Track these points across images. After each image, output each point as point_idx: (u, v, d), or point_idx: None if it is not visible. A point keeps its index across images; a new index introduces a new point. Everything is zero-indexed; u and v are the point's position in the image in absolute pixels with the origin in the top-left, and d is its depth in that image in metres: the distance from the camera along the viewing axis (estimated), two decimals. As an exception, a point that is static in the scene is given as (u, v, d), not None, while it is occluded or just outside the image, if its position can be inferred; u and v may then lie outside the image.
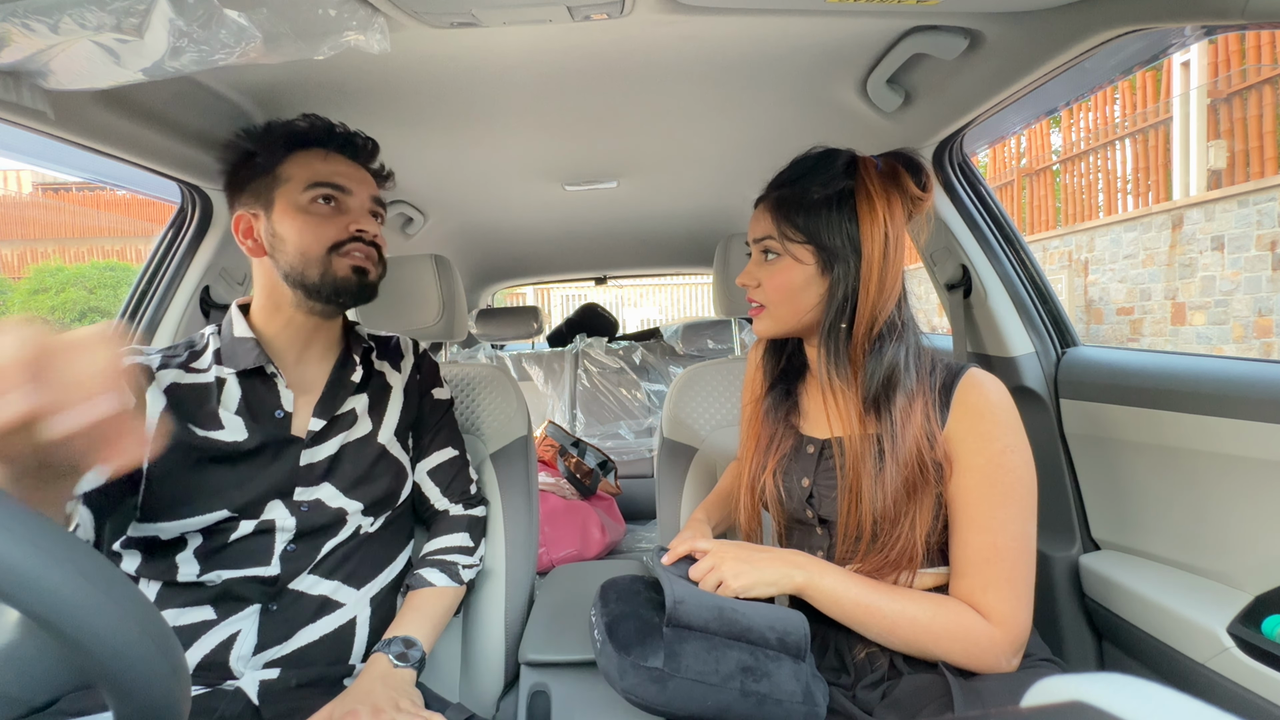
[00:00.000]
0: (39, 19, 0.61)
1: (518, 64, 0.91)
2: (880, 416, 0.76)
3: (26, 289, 8.28)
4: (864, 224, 0.74)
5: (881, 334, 0.76)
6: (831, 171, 0.77)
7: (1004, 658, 0.69)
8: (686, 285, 10.57)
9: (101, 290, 8.22)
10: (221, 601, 0.76)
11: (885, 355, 0.75)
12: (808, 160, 0.81)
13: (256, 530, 0.78)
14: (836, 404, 0.79)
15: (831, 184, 0.76)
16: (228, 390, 0.81)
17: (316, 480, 0.82)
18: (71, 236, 9.49)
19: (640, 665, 0.66)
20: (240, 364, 0.81)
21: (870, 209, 0.74)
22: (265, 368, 0.82)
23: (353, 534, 0.84)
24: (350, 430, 0.86)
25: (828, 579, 0.73)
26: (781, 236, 0.79)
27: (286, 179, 0.82)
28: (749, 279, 0.83)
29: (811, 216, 0.76)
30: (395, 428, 0.91)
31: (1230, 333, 4.37)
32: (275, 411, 0.82)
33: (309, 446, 0.82)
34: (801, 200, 0.77)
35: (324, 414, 0.84)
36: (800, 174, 0.79)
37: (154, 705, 0.37)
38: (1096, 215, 5.67)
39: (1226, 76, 4.55)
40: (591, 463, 2.05)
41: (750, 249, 0.84)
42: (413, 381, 0.97)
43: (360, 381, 0.90)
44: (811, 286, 0.78)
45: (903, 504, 0.73)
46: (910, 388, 0.75)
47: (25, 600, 0.33)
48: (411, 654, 0.79)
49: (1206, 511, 0.86)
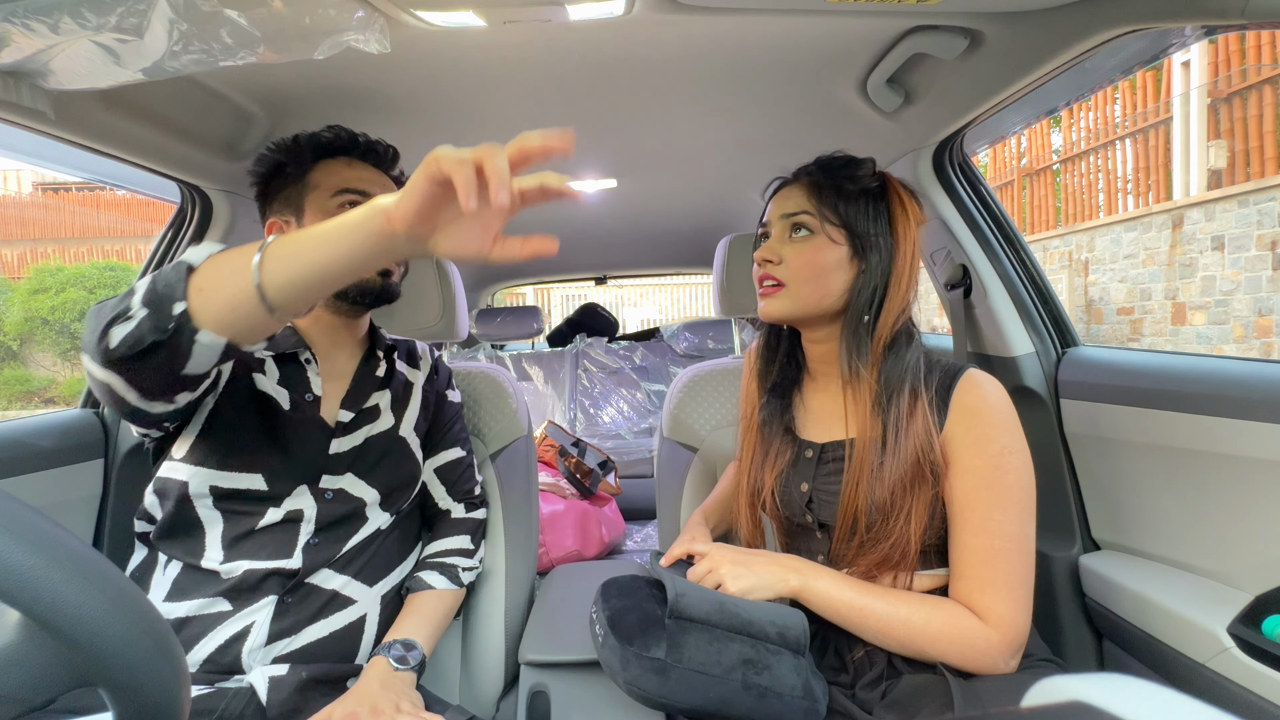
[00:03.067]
0: (39, 19, 0.61)
1: (518, 64, 0.91)
2: (887, 413, 0.76)
3: (26, 289, 8.28)
4: (899, 224, 0.78)
5: (899, 332, 0.78)
6: (862, 171, 0.81)
7: (1001, 659, 0.69)
8: (686, 285, 10.57)
9: (101, 290, 8.22)
10: (238, 592, 0.77)
11: (903, 353, 0.77)
12: (837, 158, 0.83)
13: (284, 519, 0.80)
14: (854, 400, 0.79)
15: (863, 182, 0.80)
16: (269, 367, 0.85)
17: (342, 470, 0.85)
18: (71, 236, 9.49)
19: (643, 656, 0.66)
20: (279, 347, 0.85)
21: (903, 211, 0.79)
22: (300, 353, 0.86)
23: (372, 532, 0.86)
24: (375, 423, 0.89)
25: (822, 582, 0.74)
26: (820, 214, 0.79)
27: (315, 186, 0.86)
28: (770, 254, 0.81)
29: (849, 204, 0.79)
30: (414, 424, 0.94)
31: (1230, 333, 4.37)
32: (306, 395, 0.85)
33: (337, 436, 0.85)
34: (839, 187, 0.79)
35: (352, 406, 0.88)
36: (831, 167, 0.82)
37: (154, 705, 0.37)
38: (1096, 215, 5.67)
39: (1226, 76, 4.55)
40: (591, 463, 2.05)
41: (769, 228, 0.84)
42: (430, 383, 1.00)
43: (384, 378, 0.93)
44: (840, 271, 0.79)
45: (900, 498, 0.73)
46: (916, 388, 0.76)
47: (25, 600, 0.33)
48: (411, 656, 0.80)
49: (1206, 511, 0.86)
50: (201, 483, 0.77)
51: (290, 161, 0.88)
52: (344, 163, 0.88)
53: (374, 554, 0.86)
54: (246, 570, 0.77)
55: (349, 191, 0.86)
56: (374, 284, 0.87)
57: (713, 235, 1.89)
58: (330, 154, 0.88)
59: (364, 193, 0.87)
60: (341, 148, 0.89)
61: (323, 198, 0.86)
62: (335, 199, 0.85)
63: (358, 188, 0.87)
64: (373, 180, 0.89)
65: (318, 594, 0.80)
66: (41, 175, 9.55)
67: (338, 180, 0.86)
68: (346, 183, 0.86)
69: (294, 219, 0.87)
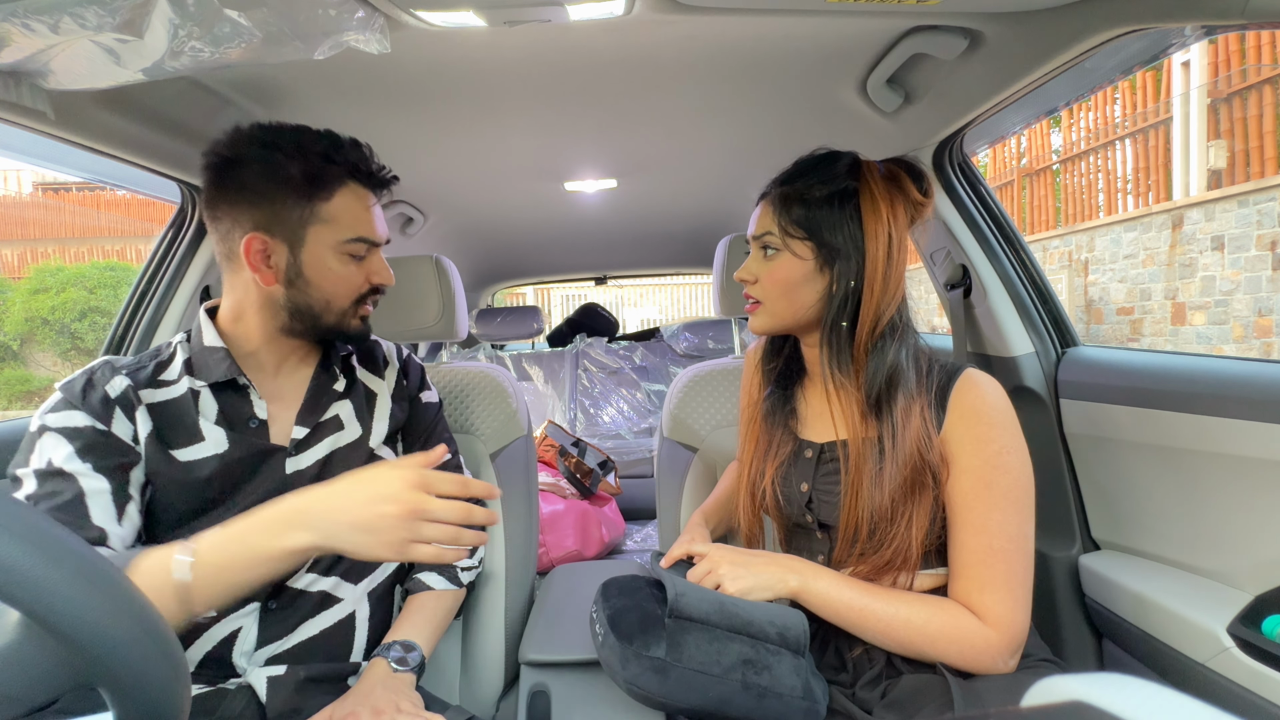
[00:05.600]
0: (39, 19, 0.61)
1: (518, 64, 0.91)
2: (881, 417, 0.76)
3: (27, 289, 8.28)
4: (868, 223, 0.75)
5: (884, 334, 0.76)
6: (834, 171, 0.78)
7: (1000, 659, 0.69)
8: (686, 285, 10.57)
9: (101, 290, 8.22)
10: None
11: (887, 355, 0.76)
12: (811, 160, 0.81)
13: None
14: (841, 404, 0.79)
15: (834, 183, 0.77)
16: (204, 401, 0.77)
17: (308, 484, 0.80)
18: (71, 236, 9.49)
19: (643, 654, 0.66)
20: (211, 376, 0.77)
21: (874, 209, 0.75)
22: (238, 379, 0.77)
23: None
24: (338, 435, 0.85)
25: (821, 583, 0.74)
26: (782, 232, 0.79)
27: (326, 220, 0.75)
28: (747, 274, 0.84)
29: (813, 213, 0.77)
30: (385, 434, 0.89)
31: (1230, 333, 4.37)
32: (250, 421, 0.79)
33: (293, 455, 0.80)
34: (803, 197, 0.78)
35: (307, 421, 0.82)
36: (803, 172, 0.80)
37: (154, 704, 0.37)
38: (1096, 215, 5.67)
39: (1226, 76, 4.55)
40: (591, 463, 2.05)
41: (750, 246, 0.85)
42: (400, 387, 0.94)
43: (343, 389, 0.87)
44: (810, 283, 0.79)
45: (900, 504, 0.73)
46: (910, 389, 0.75)
47: (25, 600, 0.33)
48: (410, 658, 0.79)
49: (1206, 511, 0.86)
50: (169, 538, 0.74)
51: (303, 173, 0.74)
52: (364, 199, 0.78)
53: None
54: None
55: (364, 242, 0.78)
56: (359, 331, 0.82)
57: (713, 235, 1.89)
58: (351, 180, 0.77)
59: (376, 244, 0.80)
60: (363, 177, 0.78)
61: (334, 237, 0.76)
62: (349, 245, 0.77)
63: (374, 239, 0.79)
64: (383, 226, 0.82)
65: (304, 598, 0.79)
66: (41, 175, 9.55)
67: (357, 224, 0.77)
68: (365, 231, 0.78)
69: (286, 247, 0.75)
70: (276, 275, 0.76)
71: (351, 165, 0.77)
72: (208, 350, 0.78)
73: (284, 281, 0.76)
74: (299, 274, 0.76)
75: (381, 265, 0.83)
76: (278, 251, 0.75)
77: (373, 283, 0.82)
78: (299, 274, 0.76)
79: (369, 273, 0.81)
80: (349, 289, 0.80)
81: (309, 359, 0.87)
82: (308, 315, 0.79)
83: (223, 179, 0.75)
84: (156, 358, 0.79)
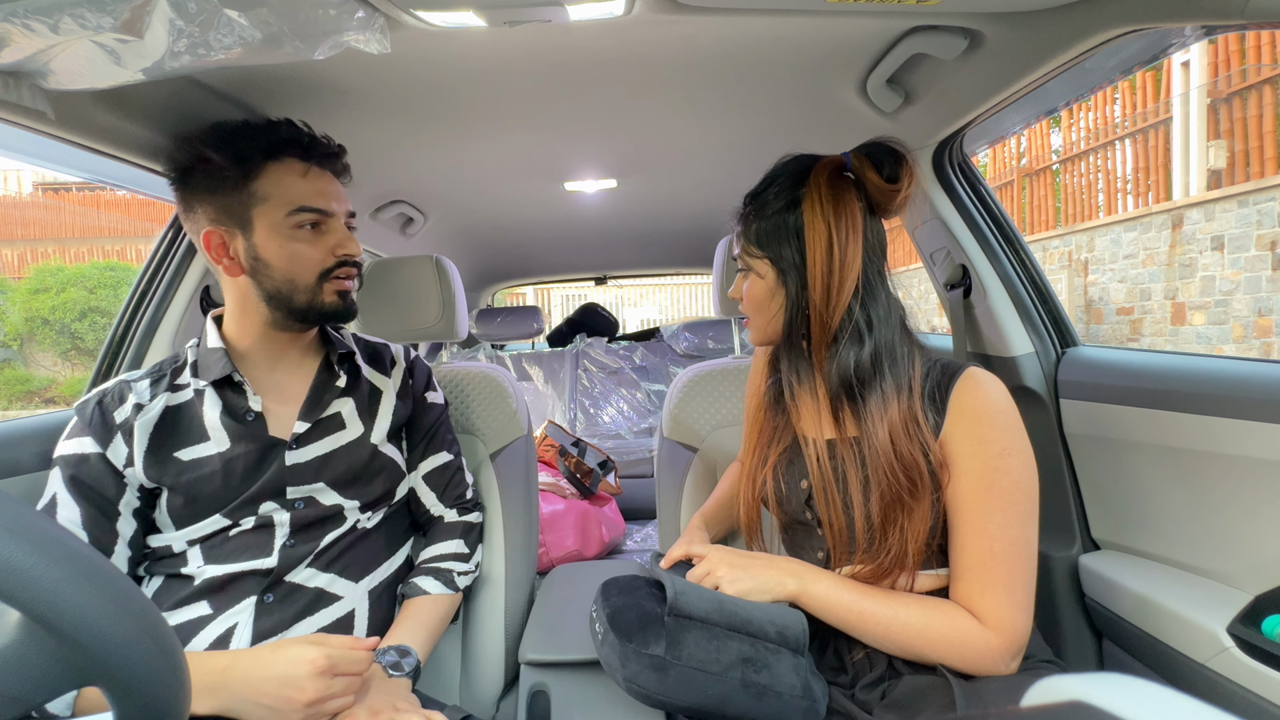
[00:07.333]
0: (39, 19, 0.61)
1: (518, 64, 0.91)
2: (858, 419, 0.76)
3: (27, 289, 8.29)
4: (806, 231, 0.75)
5: (835, 338, 0.76)
6: (787, 181, 0.78)
7: (1001, 662, 0.68)
8: (686, 285, 10.57)
9: (101, 290, 8.22)
10: (217, 594, 0.77)
11: (839, 358, 0.75)
12: (772, 172, 0.82)
13: (257, 526, 0.80)
14: (817, 409, 0.81)
15: (784, 194, 0.77)
16: (208, 400, 0.81)
17: (309, 479, 0.82)
18: (71, 236, 9.49)
19: (642, 653, 0.66)
20: (210, 374, 0.80)
21: (812, 217, 0.74)
22: (233, 375, 0.81)
23: (350, 528, 0.85)
24: (340, 433, 0.86)
25: (820, 586, 0.73)
26: (744, 252, 0.82)
27: (265, 198, 0.78)
28: (735, 292, 0.87)
29: (766, 229, 0.79)
30: (388, 431, 0.90)
31: (1230, 333, 4.37)
32: (246, 414, 0.81)
33: (293, 449, 0.82)
34: (761, 213, 0.79)
35: (308, 417, 0.84)
36: (766, 185, 0.81)
37: (154, 704, 0.37)
38: (1096, 215, 5.67)
39: (1226, 76, 4.55)
40: (591, 463, 2.05)
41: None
42: (405, 386, 0.96)
43: (345, 386, 0.89)
44: (775, 298, 0.80)
45: (891, 511, 0.72)
46: (884, 390, 0.74)
47: (26, 600, 0.33)
48: (405, 663, 0.80)
49: (1206, 511, 0.86)
50: (179, 540, 0.79)
51: (229, 161, 0.77)
52: (298, 170, 0.79)
53: (357, 551, 0.85)
54: (224, 573, 0.77)
55: (309, 211, 0.79)
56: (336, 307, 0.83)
57: (713, 235, 1.89)
58: (280, 154, 0.78)
59: (325, 212, 0.80)
60: (295, 149, 0.79)
61: (276, 213, 0.78)
62: (292, 218, 0.78)
63: (318, 205, 0.79)
64: (329, 192, 0.81)
65: (301, 592, 0.80)
66: (41, 175, 9.55)
67: (295, 194, 0.78)
68: (304, 199, 0.78)
69: (239, 232, 0.78)
70: (240, 265, 0.79)
71: (276, 139, 0.79)
72: (209, 351, 0.83)
73: (248, 270, 0.80)
74: (257, 258, 0.79)
75: (345, 236, 0.83)
76: (234, 241, 0.79)
77: (337, 255, 0.82)
78: (257, 258, 0.79)
79: (331, 246, 0.82)
80: (309, 264, 0.80)
81: (310, 356, 0.89)
82: (280, 300, 0.81)
83: (178, 190, 0.82)
84: (175, 361, 0.85)
